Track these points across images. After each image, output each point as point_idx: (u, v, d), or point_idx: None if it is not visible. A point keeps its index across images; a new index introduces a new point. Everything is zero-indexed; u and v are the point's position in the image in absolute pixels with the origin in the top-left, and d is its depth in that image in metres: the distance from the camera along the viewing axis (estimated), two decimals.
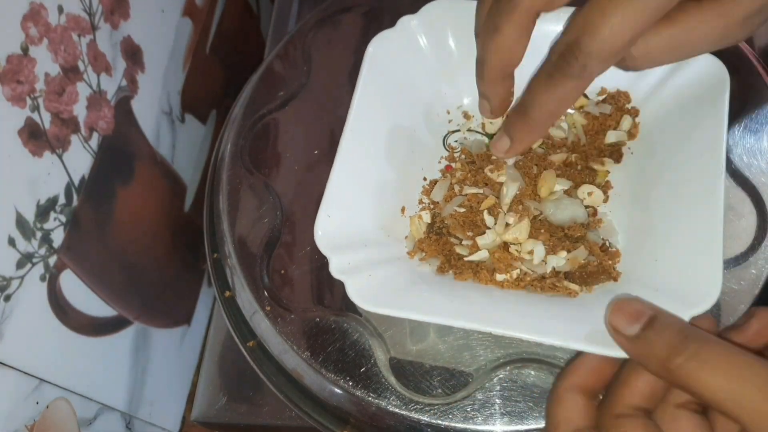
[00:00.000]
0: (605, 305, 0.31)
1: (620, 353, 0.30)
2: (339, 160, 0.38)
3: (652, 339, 0.29)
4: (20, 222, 0.38)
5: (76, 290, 0.44)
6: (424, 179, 0.42)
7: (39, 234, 0.40)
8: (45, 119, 0.40)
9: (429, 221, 0.40)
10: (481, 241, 0.37)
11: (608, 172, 0.40)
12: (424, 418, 0.37)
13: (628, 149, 0.41)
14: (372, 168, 0.39)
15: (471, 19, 0.39)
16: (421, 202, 0.41)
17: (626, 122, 0.40)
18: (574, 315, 0.34)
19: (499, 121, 0.41)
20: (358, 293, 0.34)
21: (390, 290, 0.35)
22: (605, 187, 0.40)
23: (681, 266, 0.33)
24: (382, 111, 0.40)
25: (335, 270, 0.35)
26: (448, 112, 0.44)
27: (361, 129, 0.39)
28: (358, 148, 0.38)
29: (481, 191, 0.39)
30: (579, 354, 0.32)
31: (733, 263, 0.38)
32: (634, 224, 0.38)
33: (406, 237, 0.40)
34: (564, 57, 0.30)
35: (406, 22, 0.42)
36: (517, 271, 0.37)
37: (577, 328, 0.32)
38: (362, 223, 0.38)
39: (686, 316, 0.30)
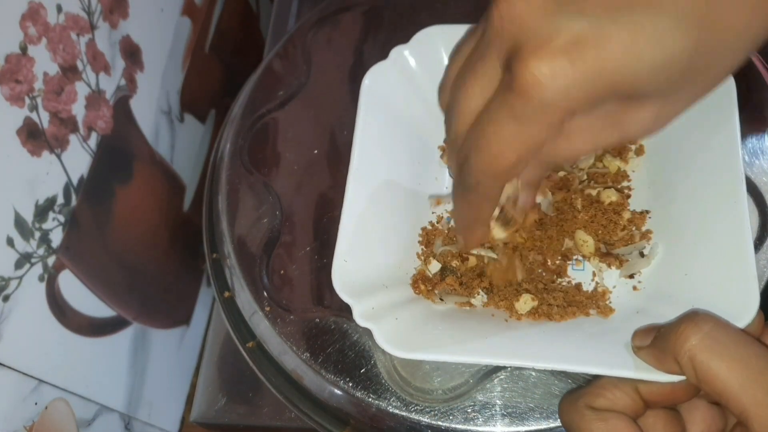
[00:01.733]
0: (634, 328, 0.31)
1: (659, 376, 0.30)
2: (348, 202, 0.37)
3: (664, 333, 0.29)
4: (19, 222, 0.38)
5: (75, 290, 0.44)
6: (432, 213, 0.41)
7: (37, 234, 0.40)
8: (43, 119, 0.40)
9: (438, 270, 0.39)
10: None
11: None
12: (425, 419, 0.36)
13: (639, 164, 0.40)
14: (381, 206, 0.38)
15: None
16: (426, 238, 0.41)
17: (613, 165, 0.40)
18: (610, 342, 0.33)
19: None
20: (387, 341, 0.33)
21: (419, 333, 0.34)
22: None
23: (714, 280, 0.33)
24: (385, 146, 0.40)
25: (360, 317, 0.34)
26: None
27: (366, 167, 0.38)
28: (365, 188, 0.38)
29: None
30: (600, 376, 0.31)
31: None
32: (658, 240, 0.37)
33: (412, 277, 0.39)
34: (462, 170, 0.30)
35: (399, 52, 0.41)
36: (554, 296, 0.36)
37: (621, 355, 0.31)
38: (380, 264, 0.37)
39: None
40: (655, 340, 0.30)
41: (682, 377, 0.29)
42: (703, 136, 0.37)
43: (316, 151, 0.46)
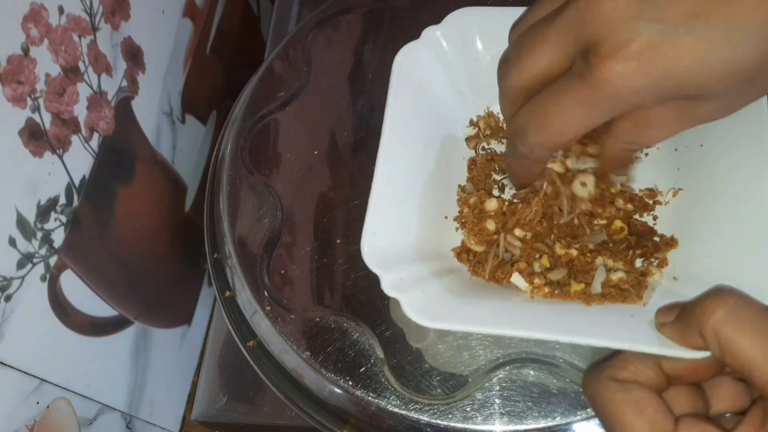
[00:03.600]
0: (658, 307, 0.32)
1: (683, 352, 0.30)
2: (378, 175, 0.37)
3: (688, 308, 0.29)
4: (21, 222, 0.39)
5: (77, 290, 0.45)
6: (460, 187, 0.42)
7: (39, 234, 0.40)
8: (45, 120, 0.40)
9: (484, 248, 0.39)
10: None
11: None
12: (424, 417, 0.37)
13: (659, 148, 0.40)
14: (410, 180, 0.39)
15: (496, 25, 0.39)
16: (460, 211, 0.41)
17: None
18: (634, 318, 0.33)
19: None
20: (414, 309, 0.33)
21: (446, 304, 0.34)
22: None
23: (738, 258, 0.33)
24: (414, 122, 0.40)
25: (388, 287, 0.34)
26: (478, 118, 0.44)
27: (396, 142, 0.39)
28: (394, 163, 0.38)
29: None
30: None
31: None
32: (682, 221, 0.37)
33: (453, 249, 0.39)
34: (516, 139, 0.33)
35: (431, 32, 0.41)
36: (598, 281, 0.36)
37: (646, 331, 0.31)
38: (409, 237, 0.38)
39: None
40: (680, 316, 0.30)
41: (706, 353, 0.29)
42: (730, 119, 0.37)
43: (316, 152, 0.46)
